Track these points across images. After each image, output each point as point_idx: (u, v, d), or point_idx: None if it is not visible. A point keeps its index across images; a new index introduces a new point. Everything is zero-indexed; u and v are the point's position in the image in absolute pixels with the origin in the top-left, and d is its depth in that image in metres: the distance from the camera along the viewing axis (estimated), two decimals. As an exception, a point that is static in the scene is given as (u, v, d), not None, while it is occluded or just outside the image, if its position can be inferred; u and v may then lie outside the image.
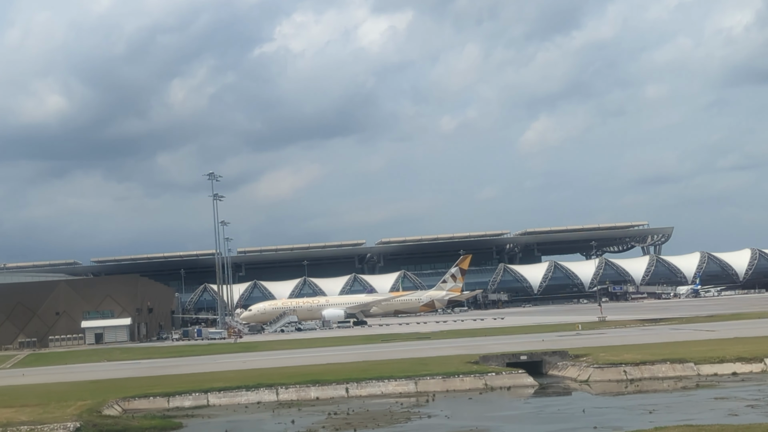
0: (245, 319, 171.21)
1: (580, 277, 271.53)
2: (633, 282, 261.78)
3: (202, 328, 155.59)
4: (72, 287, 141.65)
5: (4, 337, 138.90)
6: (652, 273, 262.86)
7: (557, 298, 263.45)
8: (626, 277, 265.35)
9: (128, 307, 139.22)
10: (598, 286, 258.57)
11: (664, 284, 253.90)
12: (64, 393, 60.76)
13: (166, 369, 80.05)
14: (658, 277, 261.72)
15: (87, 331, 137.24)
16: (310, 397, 55.82)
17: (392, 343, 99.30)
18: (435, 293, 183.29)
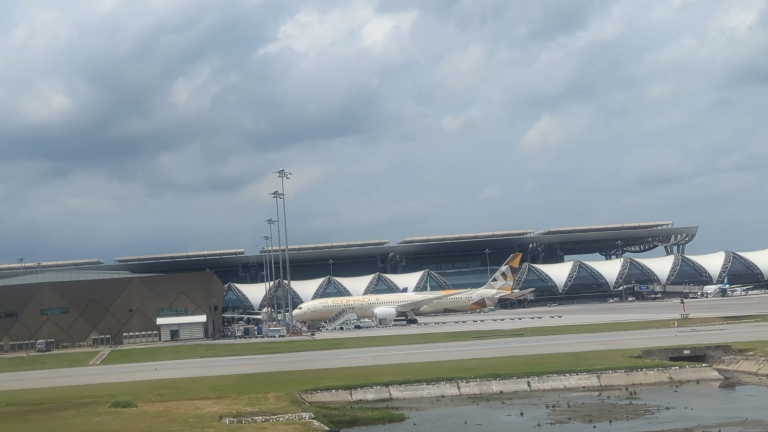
0: (296, 317, 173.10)
1: (605, 277, 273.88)
2: (658, 281, 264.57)
3: (262, 326, 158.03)
4: (145, 284, 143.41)
5: (77, 334, 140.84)
6: (677, 272, 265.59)
7: (582, 298, 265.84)
8: (651, 276, 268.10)
9: (202, 304, 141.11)
10: (624, 286, 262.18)
11: (690, 284, 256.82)
12: (231, 386, 63.28)
13: (292, 365, 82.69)
14: (683, 277, 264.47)
15: (162, 328, 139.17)
16: (492, 390, 58.52)
17: (490, 339, 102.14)
18: (485, 291, 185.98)
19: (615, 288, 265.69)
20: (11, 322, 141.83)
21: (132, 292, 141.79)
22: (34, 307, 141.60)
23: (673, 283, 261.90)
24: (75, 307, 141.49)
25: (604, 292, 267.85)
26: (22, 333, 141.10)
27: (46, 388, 74.75)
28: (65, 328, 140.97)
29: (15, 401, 62.76)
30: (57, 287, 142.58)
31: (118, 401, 55.68)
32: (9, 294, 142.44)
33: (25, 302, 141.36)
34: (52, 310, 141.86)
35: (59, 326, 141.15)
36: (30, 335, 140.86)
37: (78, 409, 55.48)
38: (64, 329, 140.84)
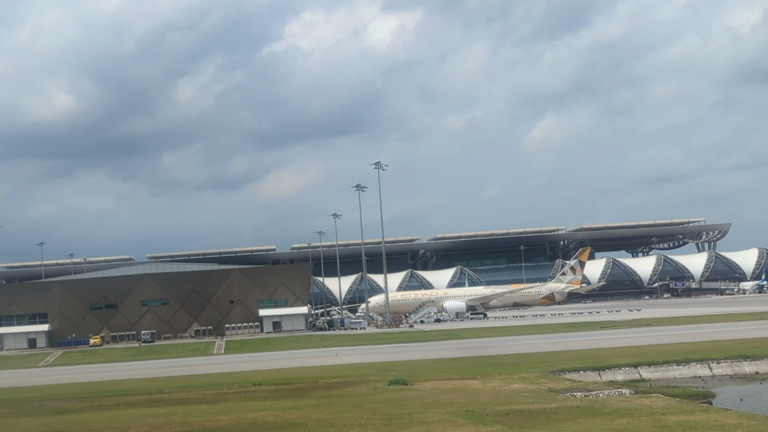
0: (364, 310, 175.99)
1: (638, 274, 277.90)
2: (692, 278, 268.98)
3: (344, 318, 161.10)
4: (246, 276, 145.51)
5: (178, 325, 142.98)
6: (710, 269, 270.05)
7: (615, 294, 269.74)
8: (685, 273, 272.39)
9: (302, 296, 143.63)
10: (659, 282, 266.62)
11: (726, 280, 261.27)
12: (459, 368, 66.25)
13: (465, 352, 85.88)
14: (716, 274, 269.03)
15: (264, 320, 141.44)
16: (744, 371, 61.61)
17: (619, 330, 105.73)
18: (555, 285, 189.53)
19: (649, 285, 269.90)
20: (112, 314, 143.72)
21: (233, 283, 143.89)
22: (135, 299, 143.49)
23: (707, 279, 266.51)
24: (176, 298, 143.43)
25: (638, 289, 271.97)
26: (122, 324, 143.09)
27: (261, 370, 77.65)
28: (166, 320, 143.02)
29: (268, 380, 65.60)
30: (157, 278, 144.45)
31: (394, 379, 58.30)
32: (110, 285, 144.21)
33: (126, 294, 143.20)
34: (153, 302, 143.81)
35: (160, 317, 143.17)
36: (130, 326, 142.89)
37: (367, 384, 58.34)
38: (164, 320, 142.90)
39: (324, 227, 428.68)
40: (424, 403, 45.81)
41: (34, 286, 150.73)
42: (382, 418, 40.77)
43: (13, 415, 54.22)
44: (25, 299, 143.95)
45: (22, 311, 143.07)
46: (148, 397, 60.11)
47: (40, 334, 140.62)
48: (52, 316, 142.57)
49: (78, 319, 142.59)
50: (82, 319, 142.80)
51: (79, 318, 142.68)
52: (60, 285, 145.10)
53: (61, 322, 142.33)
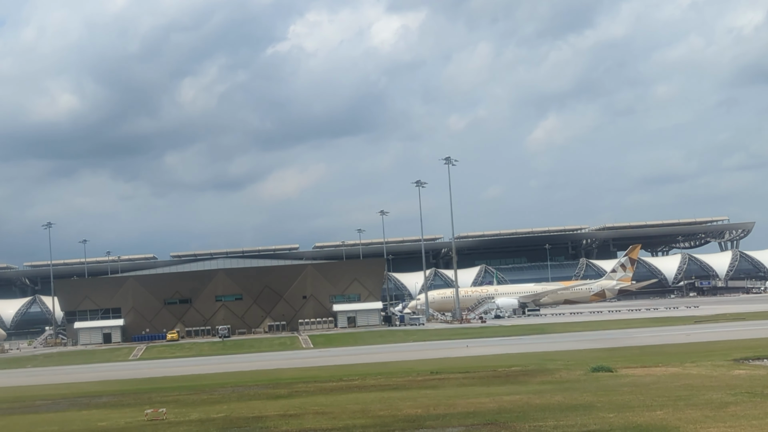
0: (412, 308, 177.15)
1: (663, 272, 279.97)
2: (717, 277, 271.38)
3: (404, 315, 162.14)
4: (319, 271, 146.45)
5: (252, 320, 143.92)
6: (735, 268, 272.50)
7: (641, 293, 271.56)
8: (710, 272, 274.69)
9: (374, 291, 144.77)
10: (684, 281, 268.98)
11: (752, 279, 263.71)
12: (602, 358, 67.74)
13: (595, 343, 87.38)
14: (740, 272, 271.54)
15: (339, 315, 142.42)
16: None
17: (718, 323, 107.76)
18: (605, 283, 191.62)
19: (674, 283, 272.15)
20: (185, 309, 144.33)
21: (306, 278, 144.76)
22: (209, 294, 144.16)
23: (732, 278, 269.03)
24: (249, 293, 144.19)
25: (663, 288, 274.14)
26: (196, 319, 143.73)
27: (392, 362, 78.84)
28: (239, 315, 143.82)
29: (443, 369, 66.88)
30: (231, 274, 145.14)
31: (597, 367, 59.77)
32: (184, 281, 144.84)
33: (200, 289, 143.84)
34: (227, 297, 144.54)
35: (234, 312, 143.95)
36: (204, 322, 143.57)
37: (564, 372, 59.61)
38: (238, 316, 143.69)
39: (325, 227, 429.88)
40: (686, 386, 47.30)
41: (108, 281, 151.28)
42: (669, 399, 42.12)
43: (223, 399, 55.34)
44: (98, 294, 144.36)
45: (95, 306, 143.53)
46: (348, 383, 61.35)
47: (115, 328, 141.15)
48: (126, 311, 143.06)
49: (152, 314, 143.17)
50: (155, 314, 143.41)
51: (152, 313, 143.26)
52: (134, 280, 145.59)
53: (134, 317, 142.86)
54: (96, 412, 53.37)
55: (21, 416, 54.38)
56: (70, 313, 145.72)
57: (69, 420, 50.20)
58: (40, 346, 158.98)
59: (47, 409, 58.71)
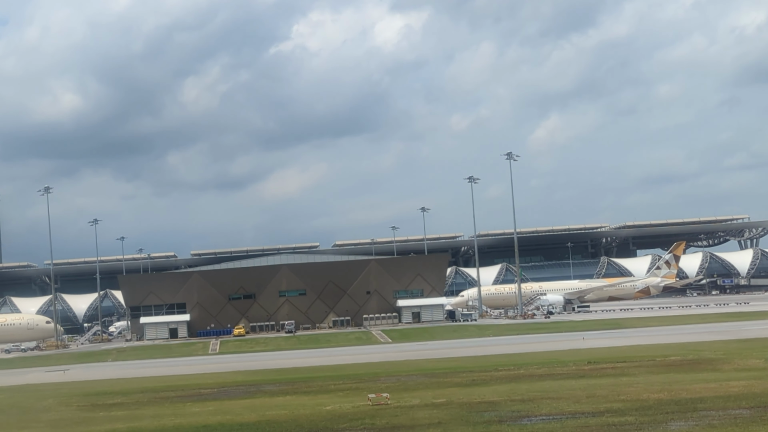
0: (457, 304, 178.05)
1: (684, 270, 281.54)
2: (739, 275, 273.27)
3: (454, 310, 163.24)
4: (382, 266, 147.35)
5: (315, 316, 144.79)
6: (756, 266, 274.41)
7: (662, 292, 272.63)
8: (731, 270, 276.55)
9: (438, 287, 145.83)
10: (706, 279, 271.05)
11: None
12: None
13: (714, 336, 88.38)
14: (761, 271, 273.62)
15: (404, 310, 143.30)
16: None
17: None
18: (650, 280, 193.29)
19: (695, 282, 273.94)
20: (250, 304, 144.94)
21: (369, 274, 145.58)
22: (273, 289, 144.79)
23: (753, 276, 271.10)
24: (313, 288, 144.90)
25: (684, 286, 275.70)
26: (260, 315, 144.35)
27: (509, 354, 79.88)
28: (303, 310, 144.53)
29: (596, 359, 67.87)
30: (295, 269, 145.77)
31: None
32: (248, 276, 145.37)
33: (264, 284, 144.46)
34: (290, 292, 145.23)
35: (297, 308, 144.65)
36: (268, 317, 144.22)
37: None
38: (302, 311, 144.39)
39: (326, 227, 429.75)
40: None
41: (173, 276, 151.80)
42: None
43: (420, 386, 56.20)
44: (163, 289, 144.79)
45: (160, 301, 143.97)
46: (521, 373, 62.27)
47: (181, 324, 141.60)
48: (191, 306, 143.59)
49: (216, 310, 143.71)
50: (220, 310, 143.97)
51: (217, 308, 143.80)
52: (198, 275, 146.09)
53: (199, 312, 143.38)
54: (305, 398, 54.09)
55: (230, 401, 55.14)
56: (134, 308, 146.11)
57: (289, 405, 50.95)
58: (87, 342, 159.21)
59: (226, 395, 59.38)
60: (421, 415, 43.66)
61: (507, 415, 41.44)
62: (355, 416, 44.20)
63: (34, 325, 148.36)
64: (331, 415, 45.77)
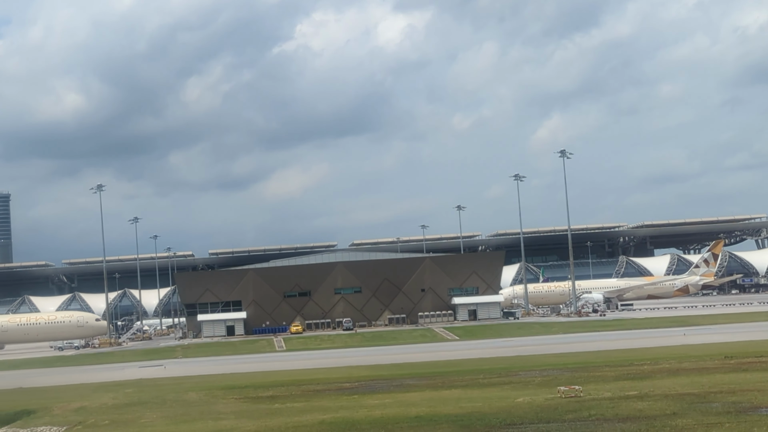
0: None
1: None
2: (758, 274, 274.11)
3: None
4: (437, 264, 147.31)
5: (370, 313, 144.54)
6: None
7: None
8: (750, 269, 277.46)
9: (493, 284, 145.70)
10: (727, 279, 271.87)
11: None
12: None
13: None
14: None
15: (459, 308, 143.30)
16: None
17: None
18: (689, 278, 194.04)
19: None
20: (305, 302, 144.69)
21: (424, 271, 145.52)
22: (328, 287, 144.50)
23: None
24: (368, 286, 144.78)
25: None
26: (315, 312, 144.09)
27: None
28: (358, 308, 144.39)
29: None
30: (350, 266, 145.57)
31: None
32: (303, 273, 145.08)
33: (319, 281, 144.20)
34: (345, 290, 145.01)
35: (352, 305, 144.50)
36: (323, 314, 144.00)
37: None
38: (357, 308, 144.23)
39: (327, 226, 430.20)
40: None
41: (229, 273, 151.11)
42: None
43: (592, 380, 55.96)
44: (219, 287, 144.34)
45: (216, 299, 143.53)
46: (669, 367, 62.21)
47: (238, 321, 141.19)
48: (246, 304, 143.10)
49: (272, 307, 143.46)
50: (275, 307, 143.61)
51: (272, 306, 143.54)
52: (254, 273, 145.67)
53: (255, 309, 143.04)
54: (488, 391, 53.79)
55: (400, 394, 54.79)
56: (189, 305, 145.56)
57: (470, 397, 50.72)
58: (128, 341, 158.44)
59: (373, 389, 58.85)
60: (630, 406, 43.42)
61: (732, 407, 41.14)
62: (562, 408, 43.67)
63: (83, 323, 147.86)
64: (531, 407, 45.47)
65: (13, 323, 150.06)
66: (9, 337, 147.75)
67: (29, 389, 76.21)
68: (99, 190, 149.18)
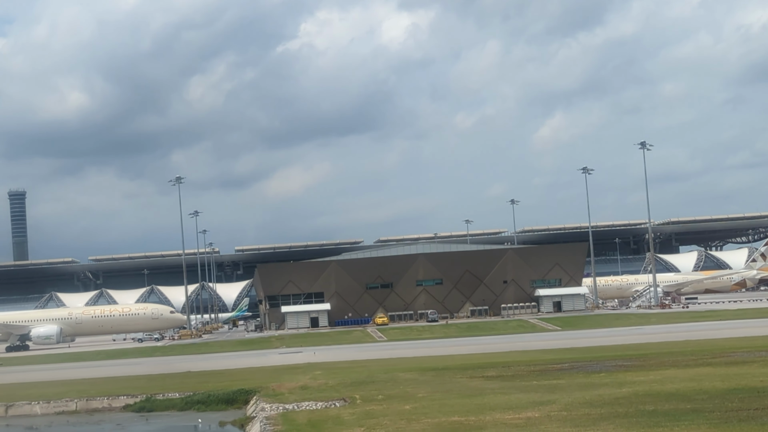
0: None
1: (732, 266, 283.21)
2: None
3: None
4: (520, 256, 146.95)
5: (452, 305, 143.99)
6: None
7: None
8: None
9: (576, 276, 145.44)
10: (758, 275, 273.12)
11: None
12: None
13: None
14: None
15: (544, 299, 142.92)
16: None
17: None
18: (747, 272, 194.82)
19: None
20: (387, 293, 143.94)
21: (506, 263, 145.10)
22: (410, 278, 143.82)
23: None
24: (449, 278, 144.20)
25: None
26: (397, 304, 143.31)
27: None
28: (440, 299, 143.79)
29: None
30: (432, 258, 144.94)
31: None
32: (385, 265, 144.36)
33: (401, 273, 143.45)
34: (427, 281, 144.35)
35: (434, 297, 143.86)
36: (405, 306, 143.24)
37: None
38: (438, 300, 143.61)
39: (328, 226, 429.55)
40: None
41: (311, 265, 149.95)
42: None
43: None
44: (301, 278, 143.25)
45: (298, 290, 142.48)
46: None
47: (322, 312, 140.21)
48: (329, 296, 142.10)
49: (354, 299, 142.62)
50: (357, 299, 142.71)
51: (354, 297, 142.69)
52: (336, 264, 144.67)
53: (337, 301, 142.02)
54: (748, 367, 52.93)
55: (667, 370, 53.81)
56: (272, 297, 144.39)
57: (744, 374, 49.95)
58: (177, 336, 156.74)
59: (598, 369, 57.85)
60: None
61: None
62: None
63: (158, 315, 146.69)
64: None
65: (88, 315, 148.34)
66: (83, 329, 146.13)
67: (204, 372, 75.02)
68: (178, 182, 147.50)
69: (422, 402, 45.87)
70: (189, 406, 58.89)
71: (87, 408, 61.10)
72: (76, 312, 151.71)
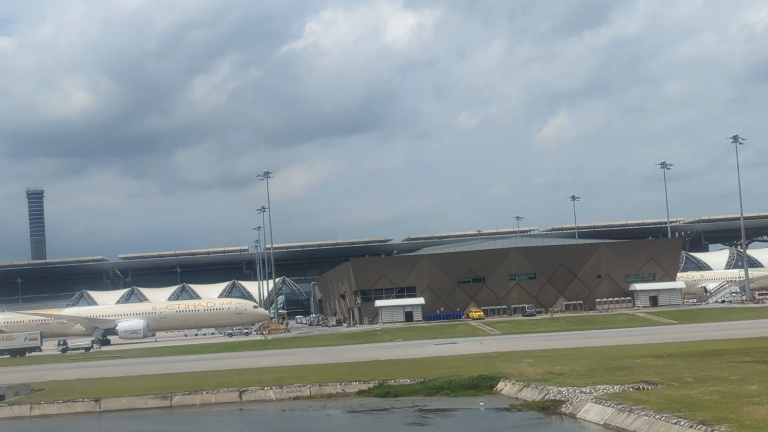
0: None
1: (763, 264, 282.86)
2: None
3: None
4: (613, 250, 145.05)
5: (545, 299, 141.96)
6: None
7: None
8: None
9: (670, 271, 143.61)
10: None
11: None
12: None
13: None
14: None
15: (640, 294, 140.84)
16: None
17: None
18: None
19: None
20: (479, 288, 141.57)
21: (600, 257, 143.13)
22: (502, 272, 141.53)
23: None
24: (542, 272, 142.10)
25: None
26: (489, 298, 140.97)
27: None
28: (533, 294, 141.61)
29: None
30: (525, 252, 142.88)
31: None
32: (477, 259, 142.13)
33: (494, 267, 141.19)
34: (520, 275, 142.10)
35: (527, 291, 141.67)
36: (497, 300, 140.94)
37: None
38: (531, 294, 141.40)
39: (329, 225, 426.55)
40: None
41: (403, 259, 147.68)
42: None
43: None
44: (393, 273, 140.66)
45: (390, 285, 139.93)
46: None
47: (416, 307, 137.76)
48: (421, 290, 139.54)
49: (446, 293, 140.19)
50: (449, 293, 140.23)
51: (446, 292, 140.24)
52: (428, 259, 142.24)
53: (429, 295, 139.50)
54: None
55: None
56: (364, 291, 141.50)
57: None
58: (254, 332, 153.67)
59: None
60: None
61: None
62: None
63: (242, 310, 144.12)
64: None
65: (172, 310, 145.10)
66: (168, 323, 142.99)
67: (392, 361, 72.20)
68: (266, 177, 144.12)
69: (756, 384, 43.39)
70: (434, 391, 56.42)
71: (321, 393, 58.73)
72: (160, 306, 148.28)
